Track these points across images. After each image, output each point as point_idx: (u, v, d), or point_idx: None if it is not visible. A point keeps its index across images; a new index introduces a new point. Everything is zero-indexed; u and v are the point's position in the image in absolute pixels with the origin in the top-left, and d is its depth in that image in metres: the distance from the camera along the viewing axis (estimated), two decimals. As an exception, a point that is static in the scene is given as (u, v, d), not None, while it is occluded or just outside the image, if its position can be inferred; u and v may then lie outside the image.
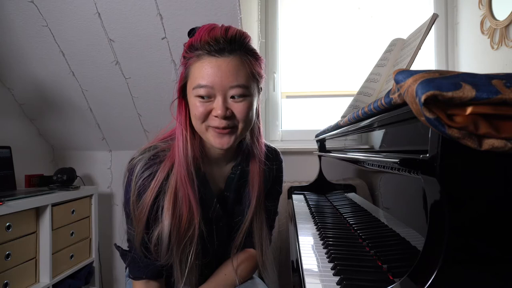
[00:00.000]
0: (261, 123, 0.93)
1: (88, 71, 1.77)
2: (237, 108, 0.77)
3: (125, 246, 0.92)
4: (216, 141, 0.79)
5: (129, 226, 0.84)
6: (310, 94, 2.18)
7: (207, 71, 0.74)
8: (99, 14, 1.55)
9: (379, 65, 1.13)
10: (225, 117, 0.75)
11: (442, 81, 0.41)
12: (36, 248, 1.54)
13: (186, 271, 0.83)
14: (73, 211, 1.75)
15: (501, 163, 0.45)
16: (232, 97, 0.76)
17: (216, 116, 0.76)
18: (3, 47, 1.70)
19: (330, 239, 0.88)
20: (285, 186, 1.86)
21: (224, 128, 0.77)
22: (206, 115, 0.77)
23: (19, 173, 1.79)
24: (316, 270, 0.72)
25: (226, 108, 0.75)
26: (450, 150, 0.45)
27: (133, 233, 0.82)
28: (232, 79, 0.74)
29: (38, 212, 1.55)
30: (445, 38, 1.99)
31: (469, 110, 0.41)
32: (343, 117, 1.15)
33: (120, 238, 2.15)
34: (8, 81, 1.86)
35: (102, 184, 2.17)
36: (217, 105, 0.75)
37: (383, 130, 0.78)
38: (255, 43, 1.89)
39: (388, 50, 1.14)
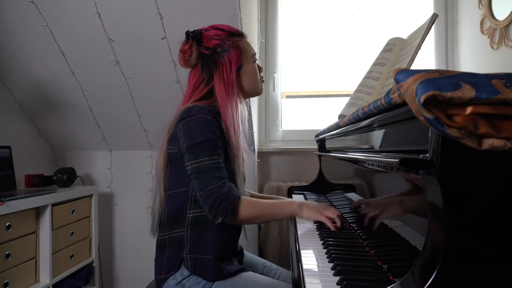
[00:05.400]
0: None
1: (88, 71, 1.77)
2: None
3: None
4: (262, 88, 1.19)
5: (214, 156, 0.96)
6: (310, 94, 2.18)
7: (251, 46, 1.16)
8: (99, 14, 1.55)
9: (378, 64, 1.13)
10: None
11: (442, 81, 0.41)
12: (36, 248, 1.54)
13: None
14: (73, 211, 1.75)
15: (501, 162, 0.45)
16: None
17: (261, 71, 1.18)
18: (3, 47, 1.70)
19: (330, 239, 0.88)
20: (285, 186, 1.87)
21: None
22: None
23: (19, 173, 1.79)
24: (316, 270, 0.72)
25: None
26: (450, 150, 0.45)
27: (220, 160, 0.96)
28: None
29: (38, 212, 1.55)
30: (445, 38, 1.99)
31: (468, 110, 0.41)
32: (341, 116, 1.15)
33: (120, 237, 2.15)
34: (8, 81, 1.86)
35: (102, 184, 2.17)
36: (259, 65, 1.19)
37: (383, 130, 0.78)
38: (255, 43, 1.90)
39: (386, 50, 1.14)
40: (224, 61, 1.07)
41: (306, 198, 1.52)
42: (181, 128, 0.98)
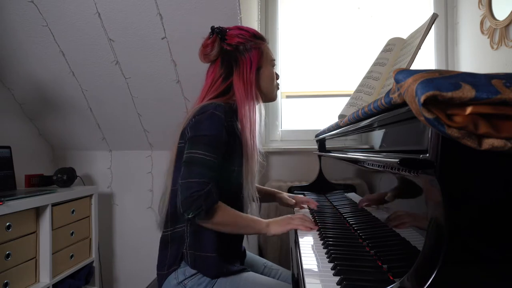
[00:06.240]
0: None
1: (88, 71, 1.77)
2: None
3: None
4: (277, 95, 1.21)
5: (210, 154, 0.95)
6: (310, 94, 2.18)
7: (271, 52, 1.18)
8: (99, 14, 1.55)
9: (378, 64, 1.13)
10: None
11: (442, 81, 0.41)
12: (36, 248, 1.54)
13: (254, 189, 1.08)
14: (73, 211, 1.75)
15: (501, 162, 0.45)
16: None
17: (277, 78, 1.21)
18: (3, 47, 1.70)
19: (330, 239, 0.88)
20: (285, 186, 1.87)
21: None
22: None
23: (19, 173, 1.79)
24: (316, 270, 0.72)
25: None
26: (450, 150, 0.45)
27: (214, 160, 0.95)
28: None
29: (38, 212, 1.54)
30: (445, 38, 1.99)
31: (469, 110, 0.41)
32: (341, 116, 1.15)
33: (120, 237, 2.15)
34: (8, 81, 1.86)
35: (102, 184, 2.17)
36: (277, 72, 1.21)
37: (383, 130, 0.78)
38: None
39: (386, 50, 1.14)
40: (245, 60, 1.09)
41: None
42: (193, 120, 0.99)
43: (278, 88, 1.21)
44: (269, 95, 1.17)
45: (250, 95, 1.08)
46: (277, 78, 1.20)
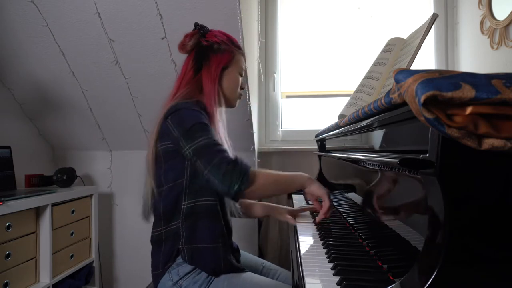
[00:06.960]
0: None
1: (88, 71, 1.77)
2: None
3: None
4: (236, 103, 1.22)
5: (210, 136, 0.97)
6: (310, 94, 2.18)
7: (244, 63, 1.22)
8: (99, 14, 1.55)
9: (378, 64, 1.13)
10: None
11: (442, 81, 0.41)
12: (36, 248, 1.54)
13: None
14: (73, 211, 1.75)
15: (501, 162, 0.45)
16: None
17: (242, 88, 1.22)
18: (3, 47, 1.70)
19: (330, 239, 0.88)
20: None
21: None
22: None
23: (19, 173, 1.79)
24: (316, 270, 0.72)
25: None
26: (450, 150, 0.45)
27: (212, 137, 0.98)
28: None
29: (38, 212, 1.55)
30: (445, 38, 1.99)
31: (469, 110, 0.41)
32: (341, 116, 1.15)
33: (120, 237, 2.15)
34: (8, 81, 1.86)
35: (102, 184, 2.17)
36: (244, 82, 1.23)
37: (383, 130, 0.78)
38: (255, 43, 1.90)
39: (386, 50, 1.14)
40: (215, 58, 1.13)
41: (306, 198, 1.52)
42: (171, 122, 1.00)
43: (240, 98, 1.23)
44: (229, 99, 1.18)
45: (215, 89, 1.11)
46: (242, 88, 1.22)
